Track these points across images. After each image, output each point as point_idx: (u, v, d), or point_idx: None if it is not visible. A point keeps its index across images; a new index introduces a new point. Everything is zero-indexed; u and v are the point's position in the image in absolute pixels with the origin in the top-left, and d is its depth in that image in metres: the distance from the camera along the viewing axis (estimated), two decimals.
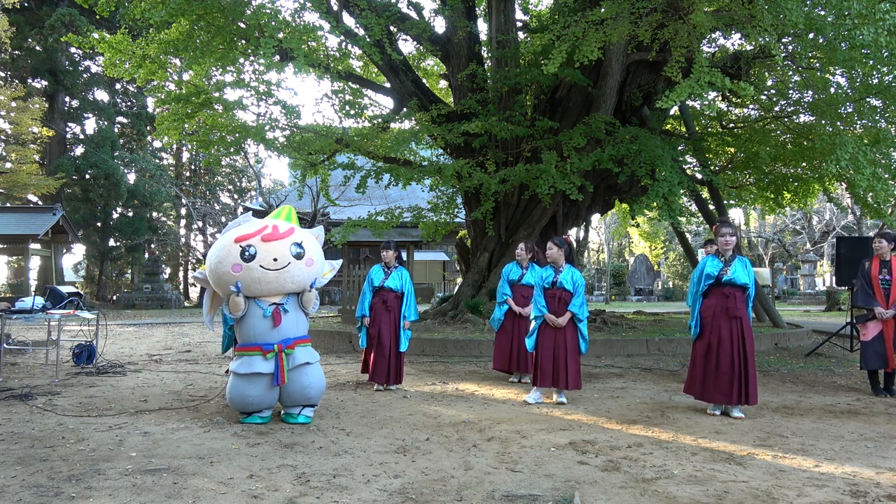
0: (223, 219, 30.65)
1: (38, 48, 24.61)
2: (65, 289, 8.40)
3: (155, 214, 30.41)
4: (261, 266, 4.68)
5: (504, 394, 6.25)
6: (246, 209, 27.68)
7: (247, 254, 4.68)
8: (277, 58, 9.61)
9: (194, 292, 32.60)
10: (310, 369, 4.90)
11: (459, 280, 16.05)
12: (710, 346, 5.27)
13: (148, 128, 26.11)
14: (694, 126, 13.00)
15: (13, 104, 22.16)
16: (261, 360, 4.73)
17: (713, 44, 12.03)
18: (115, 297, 27.09)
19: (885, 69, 8.91)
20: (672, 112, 12.94)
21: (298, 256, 4.81)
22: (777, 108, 12.12)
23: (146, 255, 28.57)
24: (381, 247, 6.76)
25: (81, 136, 27.23)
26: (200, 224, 30.07)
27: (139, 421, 4.91)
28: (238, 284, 4.67)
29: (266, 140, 11.00)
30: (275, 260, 4.71)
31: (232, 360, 5.08)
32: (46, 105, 23.97)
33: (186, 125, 12.13)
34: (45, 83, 25.15)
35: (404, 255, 23.46)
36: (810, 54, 9.60)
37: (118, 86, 27.36)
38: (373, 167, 12.13)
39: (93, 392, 6.16)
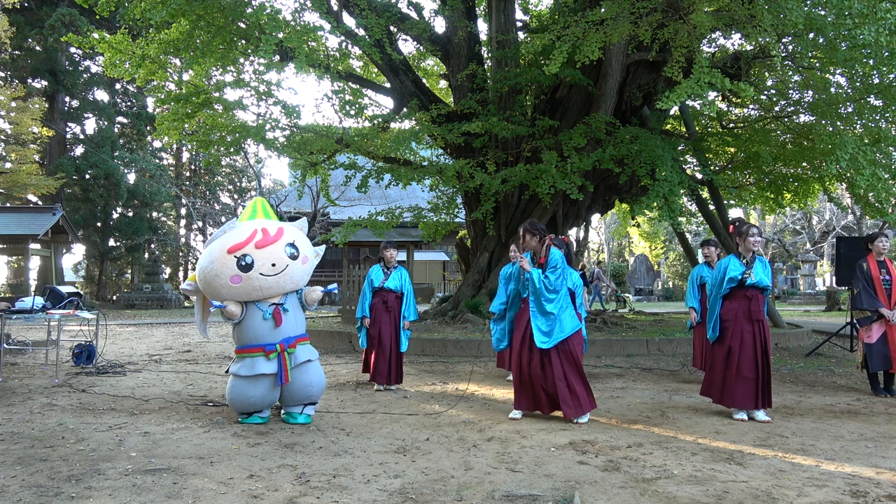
0: (223, 219, 30.62)
1: (38, 48, 24.59)
2: (65, 289, 8.40)
3: (155, 214, 30.38)
4: (260, 273, 4.66)
5: (504, 394, 6.25)
6: None
7: (243, 263, 4.63)
8: (277, 58, 9.61)
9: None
10: (311, 367, 4.91)
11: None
12: (732, 350, 5.12)
13: (148, 128, 26.09)
14: (694, 126, 13.00)
15: (13, 104, 22.15)
16: (263, 361, 4.73)
17: (713, 44, 12.03)
18: (115, 297, 27.08)
19: (885, 69, 8.89)
20: (672, 112, 12.94)
21: (293, 257, 4.81)
22: (777, 108, 12.12)
23: (146, 255, 28.56)
24: (381, 246, 6.71)
25: (81, 136, 27.22)
26: (200, 224, 30.07)
27: (139, 421, 4.90)
28: (216, 304, 4.72)
29: (266, 140, 11.00)
30: (273, 265, 4.70)
31: (233, 359, 5.07)
32: (46, 105, 23.95)
33: (186, 125, 12.13)
34: (45, 83, 25.14)
35: (404, 256, 23.49)
36: (810, 54, 9.59)
37: (118, 86, 27.35)
38: (373, 167, 12.14)
39: (93, 392, 6.16)
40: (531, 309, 4.98)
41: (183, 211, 32.08)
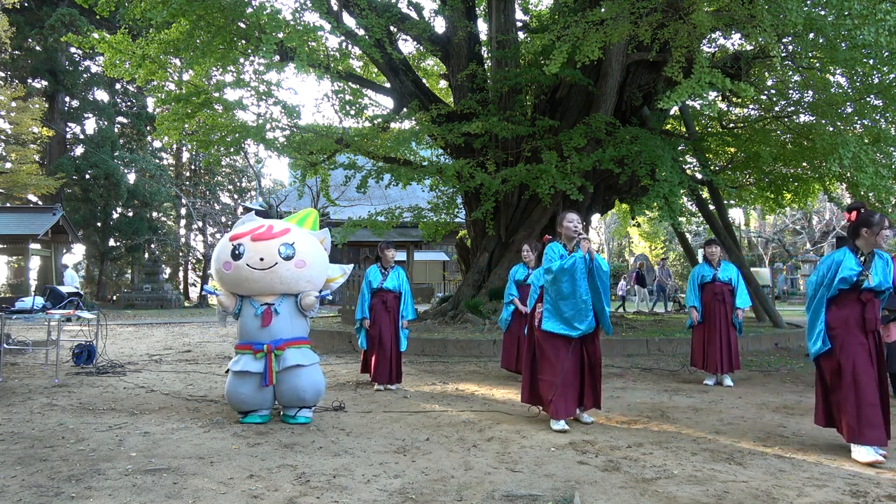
0: (223, 219, 30.62)
1: (38, 48, 24.61)
2: (65, 289, 8.41)
3: (155, 214, 30.38)
4: (247, 265, 4.72)
5: (504, 394, 6.25)
6: (246, 209, 27.64)
7: (236, 252, 4.75)
8: (277, 58, 9.61)
9: (194, 292, 32.60)
10: (303, 371, 4.83)
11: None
12: (843, 367, 4.07)
13: (148, 128, 26.09)
14: (694, 126, 13.00)
15: (13, 104, 22.17)
16: (251, 359, 4.77)
17: (713, 44, 12.03)
18: (115, 297, 27.08)
19: (885, 69, 8.90)
20: (672, 112, 12.94)
21: (287, 258, 4.77)
22: (777, 108, 12.12)
23: (146, 255, 28.56)
24: (380, 247, 6.71)
25: (81, 136, 27.23)
26: (200, 224, 30.02)
27: (139, 421, 4.90)
28: (206, 288, 4.91)
29: (266, 140, 11.01)
30: (261, 259, 4.73)
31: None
32: (46, 105, 23.96)
33: (186, 125, 12.14)
34: (45, 83, 25.15)
35: (403, 255, 23.50)
36: (810, 54, 9.59)
37: (118, 86, 27.36)
38: (373, 167, 12.14)
39: (93, 392, 6.16)
40: (600, 296, 4.74)
41: (183, 211, 32.08)
